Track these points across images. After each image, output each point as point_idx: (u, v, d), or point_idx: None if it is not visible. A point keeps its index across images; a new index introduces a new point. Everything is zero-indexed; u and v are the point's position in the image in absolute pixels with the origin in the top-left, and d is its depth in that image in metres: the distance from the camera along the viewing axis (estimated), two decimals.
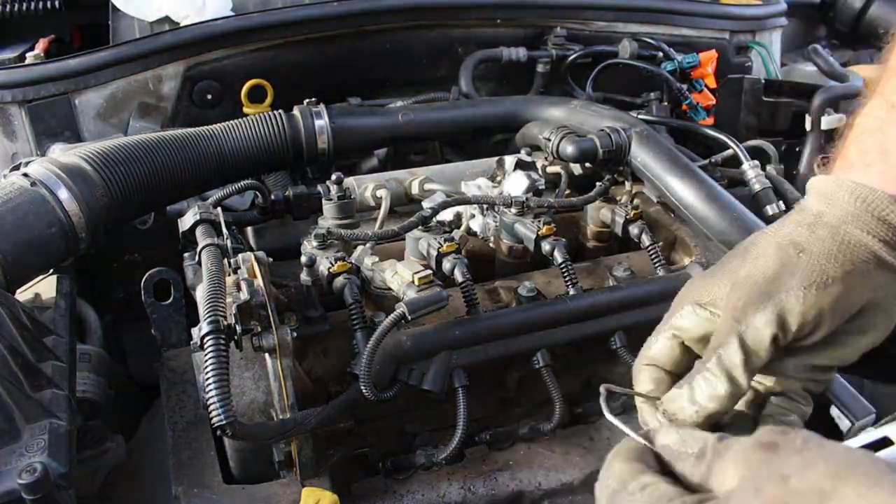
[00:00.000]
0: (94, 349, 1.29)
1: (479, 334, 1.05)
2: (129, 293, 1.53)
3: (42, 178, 1.09)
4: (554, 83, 1.90)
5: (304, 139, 1.38)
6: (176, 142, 1.26)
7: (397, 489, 1.05)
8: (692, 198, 1.20)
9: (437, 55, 1.84)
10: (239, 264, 1.01)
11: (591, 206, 1.35)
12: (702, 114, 1.85)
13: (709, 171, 1.33)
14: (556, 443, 1.14)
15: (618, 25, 1.95)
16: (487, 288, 1.20)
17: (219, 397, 0.83)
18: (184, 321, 1.34)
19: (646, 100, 1.84)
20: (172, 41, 1.60)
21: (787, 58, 2.32)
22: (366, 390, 0.94)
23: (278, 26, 1.67)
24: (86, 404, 1.14)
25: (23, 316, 0.96)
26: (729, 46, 2.07)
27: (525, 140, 1.50)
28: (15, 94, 1.51)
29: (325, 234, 1.11)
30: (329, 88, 1.66)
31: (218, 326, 0.87)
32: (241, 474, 1.04)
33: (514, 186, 1.27)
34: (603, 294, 1.14)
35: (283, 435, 0.93)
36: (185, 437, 1.09)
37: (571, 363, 1.19)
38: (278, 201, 1.34)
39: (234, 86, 1.64)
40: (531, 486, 1.08)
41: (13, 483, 0.76)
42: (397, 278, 1.04)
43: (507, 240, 1.26)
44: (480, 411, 1.15)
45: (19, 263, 1.04)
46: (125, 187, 1.18)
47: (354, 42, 1.75)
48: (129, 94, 1.59)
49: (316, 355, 1.04)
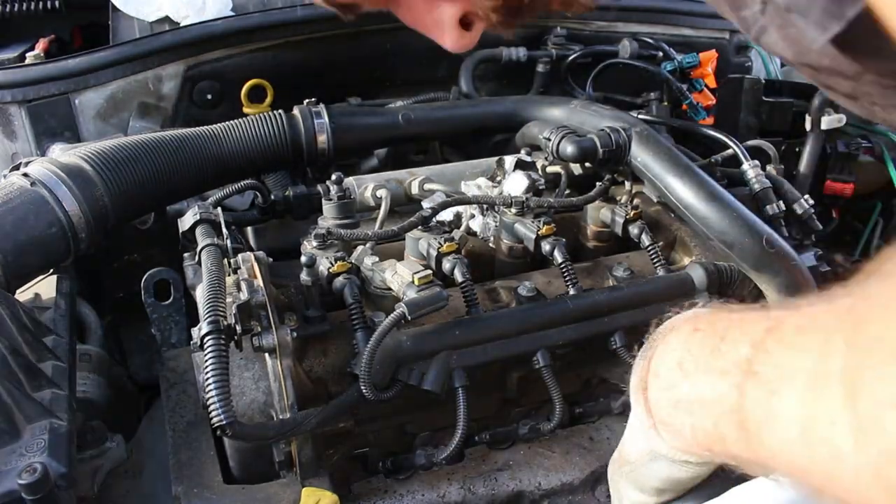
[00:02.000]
0: (94, 349, 1.29)
1: (479, 334, 1.05)
2: (129, 293, 1.53)
3: (42, 178, 1.09)
4: (554, 83, 1.90)
5: (304, 139, 1.38)
6: (176, 142, 1.26)
7: (397, 489, 1.06)
8: (692, 198, 1.20)
9: (437, 55, 1.83)
10: (239, 264, 1.01)
11: (591, 206, 1.35)
12: (702, 114, 1.85)
13: (709, 171, 1.33)
14: (556, 443, 1.14)
15: (618, 25, 1.95)
16: (487, 288, 1.20)
17: (219, 397, 0.83)
18: (184, 321, 1.34)
19: (646, 100, 1.84)
20: (172, 41, 1.60)
21: None
22: (366, 390, 0.94)
23: (278, 26, 1.67)
24: (86, 404, 1.14)
25: (23, 316, 0.96)
26: (729, 46, 2.07)
27: (525, 140, 1.50)
28: (15, 94, 1.51)
29: (325, 234, 1.11)
30: (329, 88, 1.65)
31: (218, 326, 0.87)
32: (241, 474, 1.04)
33: (514, 186, 1.27)
34: (603, 294, 1.14)
35: (283, 435, 0.93)
36: (185, 437, 1.09)
37: (571, 363, 1.19)
38: (278, 201, 1.34)
39: (234, 86, 1.64)
40: (531, 486, 1.08)
41: (13, 483, 0.76)
42: (397, 278, 1.04)
43: (507, 240, 1.26)
44: (480, 411, 1.15)
45: (19, 263, 1.04)
46: (125, 187, 1.18)
47: (354, 42, 1.75)
48: (129, 94, 1.59)
49: (316, 355, 1.04)
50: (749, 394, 0.50)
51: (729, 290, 1.22)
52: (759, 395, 0.49)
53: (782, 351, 0.48)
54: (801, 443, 0.44)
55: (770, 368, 0.48)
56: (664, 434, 0.63)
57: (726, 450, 0.54)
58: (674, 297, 1.17)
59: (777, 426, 0.47)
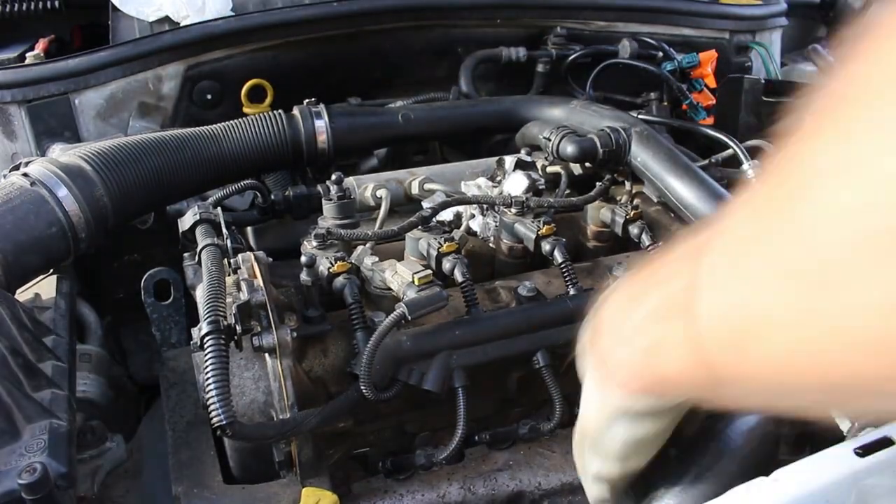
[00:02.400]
0: (94, 349, 1.29)
1: (479, 334, 1.05)
2: (129, 293, 1.53)
3: (42, 178, 1.09)
4: (554, 83, 1.90)
5: (303, 139, 1.38)
6: (176, 142, 1.26)
7: (397, 489, 1.05)
8: (692, 198, 1.20)
9: (437, 55, 1.84)
10: (239, 264, 1.01)
11: (591, 206, 1.35)
12: (702, 114, 1.85)
13: (709, 171, 1.33)
14: (556, 443, 1.14)
15: (618, 25, 1.95)
16: (487, 288, 1.20)
17: (219, 397, 0.83)
18: (184, 321, 1.34)
19: (646, 100, 1.84)
20: (172, 41, 1.60)
21: (787, 58, 2.32)
22: (366, 390, 0.94)
23: (278, 26, 1.67)
24: (86, 404, 1.14)
25: (23, 316, 0.96)
26: (729, 46, 2.07)
27: (525, 140, 1.50)
28: (15, 94, 1.51)
29: (325, 234, 1.11)
30: (329, 88, 1.65)
31: (218, 326, 0.87)
32: (241, 474, 1.04)
33: (514, 186, 1.28)
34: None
35: (283, 435, 0.93)
36: (185, 437, 1.09)
37: (571, 363, 1.19)
38: (278, 201, 1.34)
39: (234, 86, 1.64)
40: (531, 486, 1.08)
41: (13, 483, 0.76)
42: (397, 278, 1.04)
43: (507, 240, 1.26)
44: (480, 411, 1.15)
45: (19, 263, 1.04)
46: (125, 187, 1.18)
47: (355, 42, 1.75)
48: (129, 94, 1.59)
49: (316, 355, 1.04)
50: (700, 293, 0.46)
51: None
52: (708, 292, 0.45)
53: (718, 249, 0.45)
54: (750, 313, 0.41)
55: (713, 259, 0.45)
56: (619, 379, 0.61)
57: (682, 370, 0.51)
58: None
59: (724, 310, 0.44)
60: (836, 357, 0.37)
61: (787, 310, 0.38)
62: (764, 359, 0.41)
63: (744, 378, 0.45)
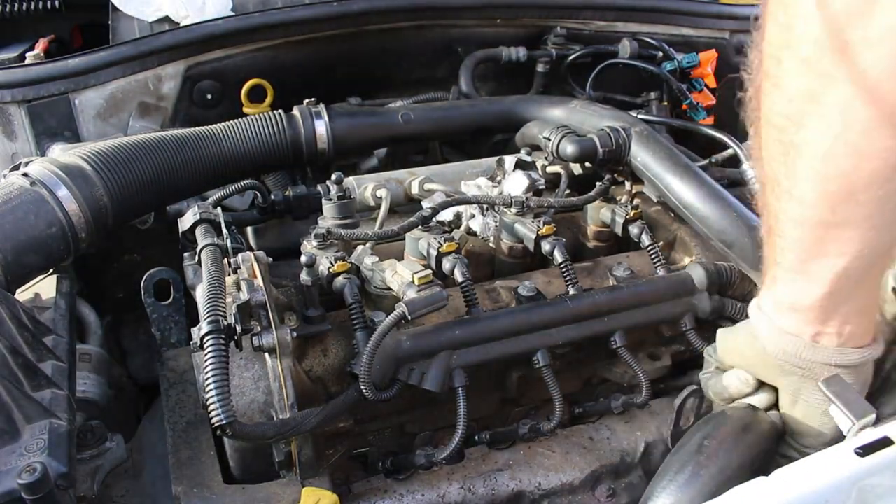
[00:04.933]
0: (94, 349, 1.29)
1: (479, 334, 1.05)
2: (129, 293, 1.53)
3: (42, 178, 1.09)
4: (554, 83, 1.90)
5: (303, 139, 1.38)
6: (176, 142, 1.26)
7: (397, 489, 1.05)
8: (692, 198, 1.20)
9: (437, 55, 1.84)
10: (239, 264, 1.01)
11: (591, 205, 1.35)
12: (702, 114, 1.85)
13: (709, 171, 1.33)
14: (556, 443, 1.14)
15: (618, 25, 1.95)
16: (487, 288, 1.20)
17: (219, 397, 0.83)
18: (184, 321, 1.34)
19: (646, 100, 1.84)
20: (172, 41, 1.60)
21: None
22: (366, 390, 0.94)
23: (278, 26, 1.67)
24: (86, 404, 1.14)
25: (23, 316, 0.96)
26: (729, 46, 2.07)
27: (525, 140, 1.50)
28: (15, 94, 1.51)
29: (325, 234, 1.11)
30: (329, 88, 1.65)
31: (218, 326, 0.87)
32: (241, 474, 1.04)
33: (514, 186, 1.28)
34: (603, 294, 1.14)
35: (283, 435, 0.93)
36: (185, 437, 1.09)
37: (571, 363, 1.19)
38: (278, 201, 1.34)
39: (234, 86, 1.64)
40: (531, 486, 1.08)
41: (13, 483, 0.76)
42: (397, 278, 1.04)
43: (507, 240, 1.26)
44: (480, 411, 1.15)
45: (19, 263, 1.04)
46: (125, 187, 1.18)
47: (354, 42, 1.75)
48: (129, 94, 1.59)
49: (316, 355, 1.04)
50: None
51: (729, 289, 1.22)
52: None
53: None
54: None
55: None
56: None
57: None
58: (674, 296, 1.17)
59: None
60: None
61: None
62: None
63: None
